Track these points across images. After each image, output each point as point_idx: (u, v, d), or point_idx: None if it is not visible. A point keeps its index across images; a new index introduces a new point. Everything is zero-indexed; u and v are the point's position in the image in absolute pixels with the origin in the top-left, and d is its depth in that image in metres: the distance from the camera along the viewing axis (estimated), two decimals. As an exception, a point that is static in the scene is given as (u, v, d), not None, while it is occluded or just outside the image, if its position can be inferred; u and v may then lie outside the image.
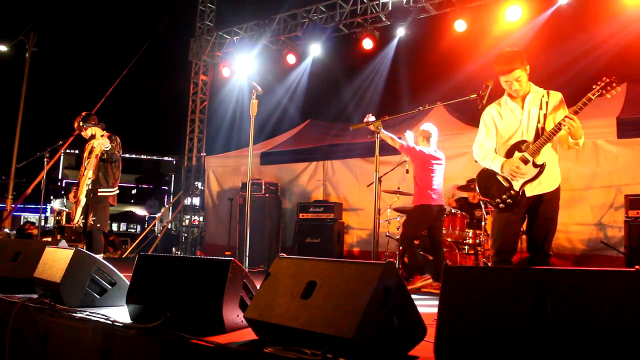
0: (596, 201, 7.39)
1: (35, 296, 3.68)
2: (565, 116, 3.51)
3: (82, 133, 6.29)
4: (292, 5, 11.66)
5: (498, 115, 3.95)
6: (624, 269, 1.83)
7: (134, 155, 43.68)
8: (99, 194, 6.03)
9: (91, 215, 5.96)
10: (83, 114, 6.29)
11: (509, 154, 3.80)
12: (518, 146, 3.77)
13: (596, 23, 8.84)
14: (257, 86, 4.73)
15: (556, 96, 3.81)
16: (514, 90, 3.78)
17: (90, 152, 6.17)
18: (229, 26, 12.89)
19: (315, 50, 11.19)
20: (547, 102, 3.76)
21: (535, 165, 3.68)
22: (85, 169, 6.11)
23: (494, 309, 2.00)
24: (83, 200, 6.00)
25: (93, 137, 6.24)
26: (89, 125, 6.20)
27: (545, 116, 3.73)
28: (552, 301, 1.88)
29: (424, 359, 2.23)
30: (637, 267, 1.83)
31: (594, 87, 3.53)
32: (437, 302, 2.15)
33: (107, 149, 5.98)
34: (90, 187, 6.02)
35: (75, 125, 6.25)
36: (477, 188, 4.04)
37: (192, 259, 3.05)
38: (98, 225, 5.96)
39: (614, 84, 3.48)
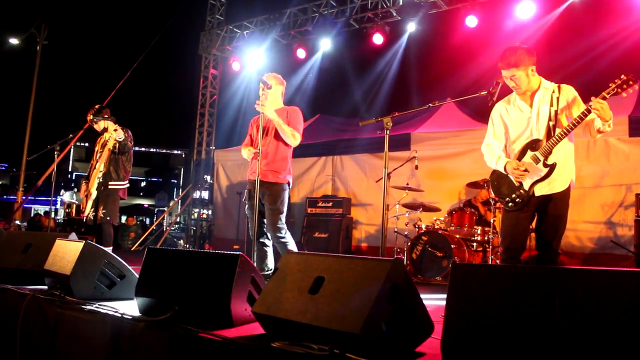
0: (606, 199, 7.34)
1: (46, 288, 3.71)
2: (596, 101, 3.39)
3: (95, 126, 6.32)
4: (302, -1, 11.66)
5: (506, 113, 3.93)
6: (634, 269, 1.82)
7: (143, 149, 43.87)
8: (110, 186, 6.06)
9: (101, 208, 5.99)
10: (96, 106, 6.32)
11: (521, 153, 3.78)
12: (531, 145, 3.75)
13: (609, 19, 8.76)
14: (267, 81, 4.72)
15: (567, 90, 3.74)
16: (513, 87, 3.79)
17: (103, 145, 6.20)
18: (239, 20, 12.89)
19: (326, 44, 11.17)
20: (557, 98, 3.72)
21: (545, 165, 3.66)
22: (97, 161, 6.14)
23: (502, 307, 1.99)
24: (94, 193, 6.03)
25: (105, 130, 6.28)
26: (101, 118, 6.23)
27: (556, 113, 3.70)
28: (560, 300, 1.87)
29: (431, 356, 2.23)
30: (647, 266, 1.82)
31: (610, 85, 3.48)
32: (444, 299, 2.15)
33: (121, 139, 6.00)
34: (101, 180, 6.04)
35: (88, 117, 6.28)
36: (490, 187, 4.04)
37: (201, 253, 3.06)
38: (108, 218, 5.99)
39: (631, 82, 3.43)
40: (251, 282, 2.81)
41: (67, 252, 3.67)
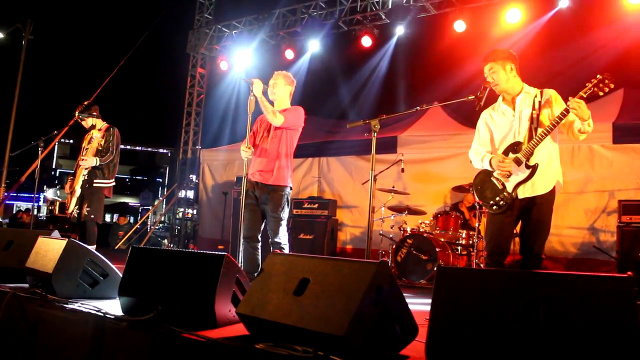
0: (590, 205, 7.42)
1: (27, 286, 3.67)
2: (573, 100, 3.46)
3: (82, 123, 6.28)
4: (291, 0, 11.64)
5: (491, 119, 4.01)
6: (616, 275, 1.84)
7: (128, 147, 43.53)
8: (95, 184, 6.00)
9: (86, 206, 5.93)
10: (84, 103, 6.28)
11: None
12: (512, 147, 3.80)
13: (595, 28, 8.85)
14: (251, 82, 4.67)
15: (548, 93, 3.82)
16: (493, 85, 3.85)
17: (89, 143, 6.15)
18: (228, 19, 12.84)
19: (314, 46, 11.17)
20: (539, 102, 3.78)
21: (527, 166, 3.70)
22: (83, 159, 6.09)
23: (486, 311, 2.00)
24: (78, 191, 5.98)
25: (93, 127, 6.24)
26: (89, 115, 6.20)
27: (538, 116, 3.75)
28: (544, 305, 1.88)
29: (415, 359, 2.24)
30: (629, 273, 1.84)
31: (587, 84, 3.54)
32: (429, 302, 2.15)
33: (95, 164, 5.99)
34: (86, 178, 5.99)
35: (76, 114, 6.24)
36: (474, 192, 4.07)
37: (185, 253, 3.04)
38: (92, 216, 5.93)
39: (607, 81, 3.48)
40: (235, 282, 2.80)
41: (49, 250, 3.63)
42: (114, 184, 6.22)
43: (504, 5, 8.91)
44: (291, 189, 4.79)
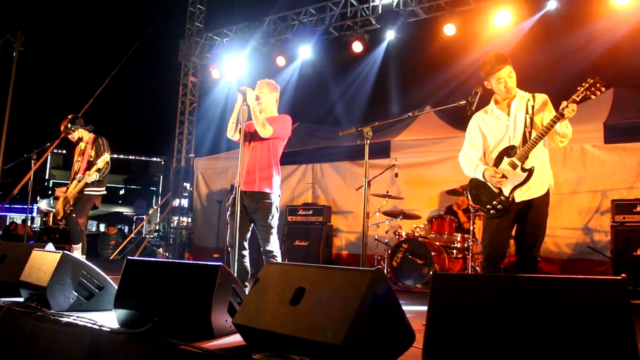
0: (583, 205, 7.45)
1: (22, 300, 3.65)
2: (570, 105, 3.48)
3: (69, 136, 6.27)
4: (282, 7, 11.67)
5: (484, 122, 3.98)
6: (611, 277, 1.85)
7: (122, 156, 43.46)
8: (85, 192, 5.99)
9: (69, 204, 5.92)
10: (69, 117, 6.27)
11: (497, 160, 3.82)
12: (507, 152, 3.80)
13: (583, 29, 8.92)
14: (246, 92, 4.64)
15: (541, 98, 3.83)
16: (508, 89, 3.77)
17: (80, 154, 6.15)
18: (219, 28, 12.86)
19: (305, 52, 11.18)
20: (532, 106, 3.79)
21: (523, 169, 3.71)
22: (76, 172, 6.08)
23: (483, 316, 2.01)
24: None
25: (81, 139, 6.23)
26: (75, 127, 6.19)
27: (532, 120, 3.76)
28: (540, 309, 1.89)
29: (412, 366, 2.24)
30: (623, 275, 1.85)
31: (578, 88, 3.56)
32: (425, 307, 2.16)
33: (96, 178, 5.97)
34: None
35: (62, 128, 6.22)
36: (468, 196, 4.05)
37: (181, 264, 3.03)
38: (74, 215, 5.90)
39: (598, 85, 3.51)
40: (232, 292, 2.79)
41: (44, 263, 3.62)
42: (104, 193, 6.21)
43: (493, 8, 8.96)
44: (280, 196, 4.73)
